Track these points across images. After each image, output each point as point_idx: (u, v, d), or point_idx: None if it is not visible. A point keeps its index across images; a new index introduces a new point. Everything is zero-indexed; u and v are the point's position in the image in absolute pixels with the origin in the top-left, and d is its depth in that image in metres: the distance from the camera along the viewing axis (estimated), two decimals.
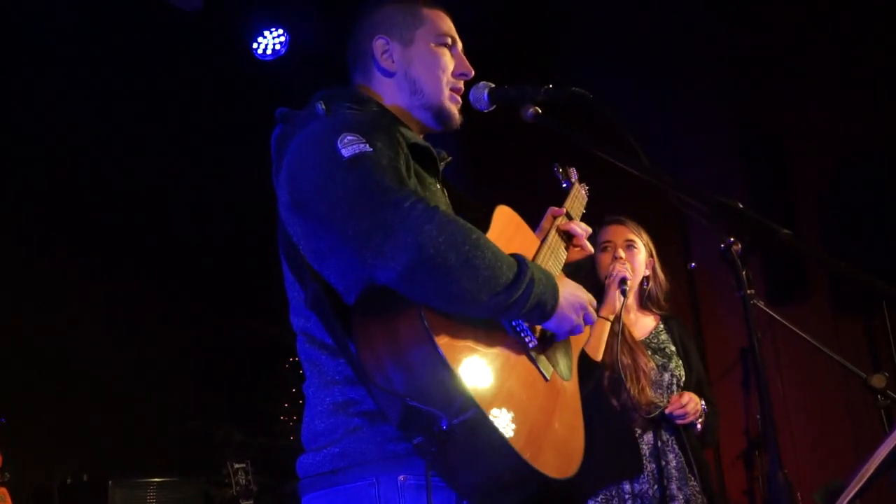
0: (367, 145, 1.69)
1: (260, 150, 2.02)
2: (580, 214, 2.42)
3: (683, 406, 3.00)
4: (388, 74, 2.01)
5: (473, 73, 2.09)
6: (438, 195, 1.92)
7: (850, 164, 4.67)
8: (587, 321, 1.88)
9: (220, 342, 5.57)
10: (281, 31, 5.61)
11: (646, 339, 3.22)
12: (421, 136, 2.01)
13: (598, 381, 3.03)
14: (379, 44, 2.01)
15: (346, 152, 1.68)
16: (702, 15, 5.28)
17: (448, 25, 2.08)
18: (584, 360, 2.94)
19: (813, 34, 4.89)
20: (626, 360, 3.07)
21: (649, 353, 3.16)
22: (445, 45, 2.05)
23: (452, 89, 2.04)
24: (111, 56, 5.24)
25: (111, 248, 5.35)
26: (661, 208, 3.33)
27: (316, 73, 5.32)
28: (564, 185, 2.53)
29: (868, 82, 4.66)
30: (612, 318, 3.05)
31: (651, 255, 3.31)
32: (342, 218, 1.64)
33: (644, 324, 3.29)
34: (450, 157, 2.07)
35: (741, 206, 1.76)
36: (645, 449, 3.02)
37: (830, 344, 3.08)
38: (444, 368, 1.57)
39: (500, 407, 1.61)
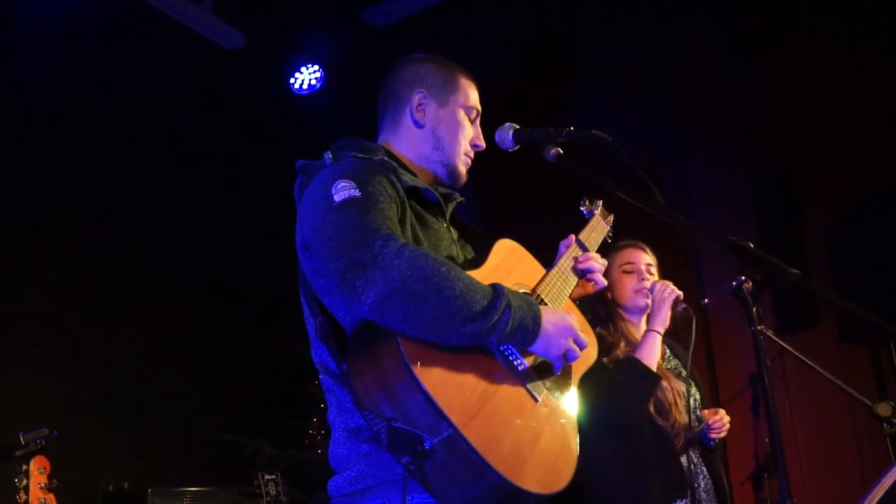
0: (357, 190, 1.84)
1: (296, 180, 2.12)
2: (597, 244, 2.44)
3: (721, 418, 3.05)
4: (418, 126, 2.18)
5: (485, 145, 2.25)
6: (442, 233, 2.06)
7: (859, 201, 4.76)
8: (580, 345, 1.93)
9: (254, 361, 5.74)
10: (316, 67, 5.97)
11: (663, 363, 3.20)
12: (428, 182, 2.17)
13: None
14: (417, 97, 2.18)
15: (337, 197, 1.83)
16: (715, 56, 5.38)
17: (476, 98, 2.25)
18: (645, 373, 2.97)
19: (824, 75, 5.00)
20: (665, 383, 3.06)
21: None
22: (470, 116, 2.23)
23: (466, 154, 2.21)
24: (157, 91, 5.45)
25: (154, 271, 5.53)
26: (675, 245, 3.38)
27: (349, 105, 5.56)
28: (587, 216, 2.57)
29: (877, 122, 4.78)
30: (661, 331, 3.05)
31: None
32: (329, 257, 1.77)
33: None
34: (461, 199, 2.22)
35: (752, 246, 1.89)
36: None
37: (837, 372, 3.15)
38: (419, 392, 1.67)
39: (479, 426, 1.69)
